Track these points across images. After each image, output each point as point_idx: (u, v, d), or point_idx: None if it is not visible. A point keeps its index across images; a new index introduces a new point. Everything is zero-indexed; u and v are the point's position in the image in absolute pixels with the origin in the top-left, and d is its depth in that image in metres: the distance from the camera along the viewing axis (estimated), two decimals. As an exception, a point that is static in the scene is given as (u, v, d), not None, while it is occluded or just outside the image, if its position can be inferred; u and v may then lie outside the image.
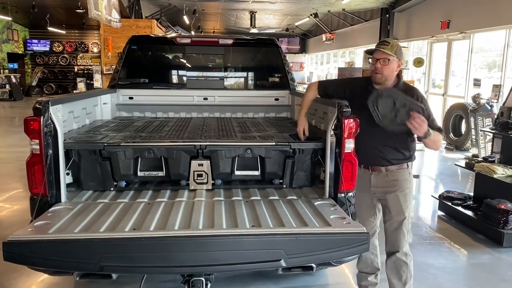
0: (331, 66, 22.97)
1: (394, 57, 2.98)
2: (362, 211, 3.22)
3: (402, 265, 3.12)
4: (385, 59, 2.97)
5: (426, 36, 12.69)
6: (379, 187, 3.15)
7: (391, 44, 2.99)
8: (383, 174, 3.11)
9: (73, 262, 2.33)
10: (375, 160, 3.11)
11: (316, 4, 16.11)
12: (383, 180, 3.12)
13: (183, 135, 3.62)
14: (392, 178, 3.11)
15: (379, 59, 2.99)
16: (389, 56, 2.96)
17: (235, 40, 5.26)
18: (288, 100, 5.18)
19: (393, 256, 3.14)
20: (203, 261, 2.38)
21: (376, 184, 3.14)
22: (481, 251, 4.56)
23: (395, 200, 3.11)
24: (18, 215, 5.27)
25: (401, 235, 3.11)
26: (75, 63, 24.93)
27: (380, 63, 2.99)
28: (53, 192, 2.88)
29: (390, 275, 3.18)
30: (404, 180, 3.11)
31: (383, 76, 3.01)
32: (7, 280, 3.68)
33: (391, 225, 3.15)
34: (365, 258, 3.32)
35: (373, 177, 3.15)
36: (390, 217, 3.16)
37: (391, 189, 3.11)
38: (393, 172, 3.11)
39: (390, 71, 3.01)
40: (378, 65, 3.00)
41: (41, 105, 2.75)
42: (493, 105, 8.99)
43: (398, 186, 3.10)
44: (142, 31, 13.54)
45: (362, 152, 3.09)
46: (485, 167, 5.17)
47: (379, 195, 3.19)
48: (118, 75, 5.03)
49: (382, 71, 3.00)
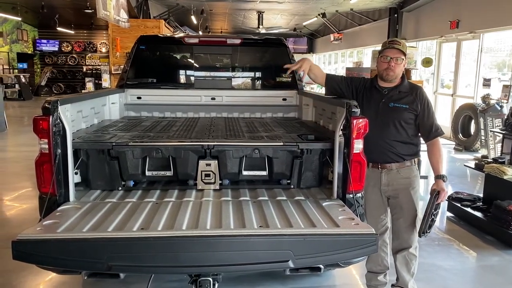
0: (339, 66, 22.89)
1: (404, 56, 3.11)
2: (373, 210, 3.24)
3: (412, 258, 3.21)
4: (398, 58, 3.07)
5: (435, 36, 12.60)
6: (390, 185, 3.19)
7: (402, 43, 3.10)
8: (394, 172, 3.16)
9: (81, 262, 2.34)
10: (386, 157, 3.15)
11: (324, 4, 16.07)
12: (394, 177, 3.17)
13: (191, 135, 3.62)
14: (403, 175, 3.17)
15: (393, 57, 3.08)
16: (402, 55, 3.08)
17: (242, 40, 5.25)
18: (296, 100, 5.16)
19: (405, 251, 3.21)
20: (210, 261, 2.38)
21: (388, 182, 3.19)
22: (490, 253, 4.52)
23: (408, 197, 3.17)
24: (27, 214, 5.30)
25: (414, 231, 3.18)
26: (84, 63, 25.13)
27: (393, 61, 3.08)
28: (62, 191, 2.89)
29: (400, 269, 3.24)
30: (415, 177, 3.20)
31: (394, 74, 3.11)
32: (16, 279, 3.71)
33: (404, 222, 3.20)
34: (375, 256, 3.31)
35: (383, 175, 3.19)
36: (402, 215, 3.20)
37: (403, 186, 3.17)
38: (403, 169, 3.16)
39: (400, 70, 3.12)
40: (392, 63, 3.08)
41: (50, 104, 2.76)
42: (503, 106, 8.90)
43: (409, 183, 3.17)
44: (150, 31, 13.58)
45: (371, 151, 3.09)
46: (494, 168, 5.12)
47: (390, 193, 3.22)
48: (127, 75, 5.05)
49: (394, 69, 3.08)
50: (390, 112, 3.15)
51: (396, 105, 3.14)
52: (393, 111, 3.14)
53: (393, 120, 3.13)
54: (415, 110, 3.13)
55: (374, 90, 3.23)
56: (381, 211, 3.29)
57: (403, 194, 3.18)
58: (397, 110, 3.14)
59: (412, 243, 3.21)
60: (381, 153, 3.17)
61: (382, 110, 3.16)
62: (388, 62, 3.10)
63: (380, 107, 3.16)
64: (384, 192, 3.23)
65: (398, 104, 3.14)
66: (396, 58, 3.07)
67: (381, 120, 3.14)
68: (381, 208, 3.29)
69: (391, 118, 3.14)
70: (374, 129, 3.01)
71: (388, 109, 3.15)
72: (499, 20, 9.74)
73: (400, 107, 3.13)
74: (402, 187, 3.17)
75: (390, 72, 3.11)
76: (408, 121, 3.14)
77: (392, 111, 3.15)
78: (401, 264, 3.24)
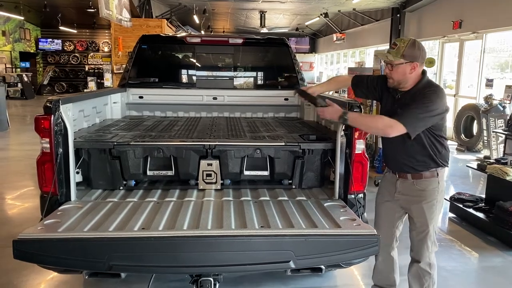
0: (341, 66, 22.86)
1: (401, 61, 2.72)
2: (382, 216, 3.07)
3: (425, 274, 2.95)
4: (393, 64, 2.77)
5: (437, 36, 12.56)
6: (404, 195, 2.93)
7: (398, 46, 2.74)
8: (410, 182, 2.87)
9: (82, 261, 2.34)
10: (400, 167, 2.90)
11: (326, 4, 16.04)
12: (409, 188, 2.88)
13: (193, 134, 3.62)
14: (419, 187, 2.86)
15: (387, 63, 2.82)
16: (392, 62, 2.75)
17: (245, 40, 5.24)
18: (298, 100, 5.15)
19: (416, 264, 2.98)
20: (211, 262, 2.38)
21: (402, 191, 2.93)
22: (492, 254, 4.50)
23: (420, 212, 2.88)
24: (28, 213, 5.31)
25: (424, 246, 2.92)
26: (86, 62, 25.16)
27: (388, 68, 2.82)
28: (63, 190, 2.90)
29: (412, 281, 3.02)
30: (432, 190, 2.85)
31: (394, 81, 2.81)
32: (17, 278, 3.71)
33: (416, 235, 2.96)
34: (380, 270, 3.18)
35: (399, 183, 2.93)
36: (414, 227, 2.96)
37: (416, 199, 2.87)
38: (421, 181, 2.85)
39: (400, 76, 2.76)
40: (387, 71, 2.84)
41: (51, 104, 2.77)
42: (505, 106, 8.87)
43: (424, 196, 2.85)
44: (153, 31, 13.57)
45: (387, 157, 2.99)
46: (497, 169, 5.10)
47: (403, 203, 2.97)
48: (128, 74, 5.05)
49: (391, 75, 2.80)
50: None
51: None
52: None
53: None
54: None
55: (388, 92, 2.94)
56: (389, 220, 3.05)
57: (415, 207, 2.89)
58: None
59: (422, 258, 2.93)
60: (395, 164, 2.94)
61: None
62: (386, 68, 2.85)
63: (392, 113, 2.77)
64: (397, 200, 2.97)
65: None
66: (391, 64, 2.78)
67: None
68: (391, 217, 3.05)
69: None
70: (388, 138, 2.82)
71: None
72: (502, 20, 9.71)
73: None
74: (416, 199, 2.87)
75: (390, 80, 2.83)
76: None
77: None
78: (413, 277, 3.00)
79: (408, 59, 2.72)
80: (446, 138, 2.90)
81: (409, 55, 2.72)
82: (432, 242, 2.93)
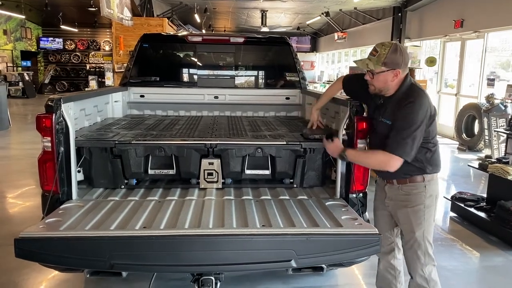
0: (342, 65, 22.83)
1: (383, 69, 2.56)
2: (378, 224, 2.94)
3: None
4: (373, 72, 2.61)
5: (439, 35, 12.54)
6: (392, 200, 2.83)
7: (379, 53, 2.56)
8: (396, 187, 2.76)
9: (84, 260, 2.34)
10: (386, 173, 2.73)
11: (328, 3, 16.02)
12: (395, 193, 2.78)
13: (194, 133, 3.61)
14: (403, 192, 2.74)
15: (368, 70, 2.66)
16: (373, 71, 2.60)
17: (246, 39, 5.24)
18: (299, 99, 5.15)
19: (411, 280, 2.80)
20: (213, 261, 2.38)
21: (390, 197, 2.83)
22: (494, 253, 4.49)
23: (405, 217, 2.75)
24: (30, 212, 5.32)
25: (414, 258, 2.74)
26: (87, 61, 25.19)
27: (369, 75, 2.66)
28: (65, 189, 2.90)
29: None
30: (417, 194, 2.70)
31: (376, 88, 2.67)
32: (19, 276, 3.71)
33: (404, 245, 2.83)
34: (382, 277, 3.06)
35: (387, 188, 2.84)
36: (403, 236, 2.86)
37: (401, 203, 2.76)
38: (405, 185, 2.72)
39: (381, 84, 2.62)
40: (368, 78, 2.68)
41: (53, 102, 2.76)
42: (507, 105, 8.85)
43: (409, 201, 2.72)
44: (154, 30, 13.56)
45: None
46: (498, 168, 5.09)
47: (391, 209, 2.86)
48: (130, 73, 5.05)
49: (372, 83, 2.66)
50: (379, 127, 2.73)
51: (383, 120, 2.68)
52: (381, 127, 2.70)
53: (381, 138, 2.65)
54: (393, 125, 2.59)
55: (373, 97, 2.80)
56: (386, 227, 2.92)
57: (400, 213, 2.77)
58: (383, 126, 2.67)
59: (415, 271, 2.75)
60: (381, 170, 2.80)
61: (375, 123, 2.79)
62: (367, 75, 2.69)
63: (374, 118, 2.78)
64: (387, 206, 2.87)
65: (384, 119, 2.67)
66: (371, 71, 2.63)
67: (374, 135, 2.83)
68: (387, 224, 2.93)
69: (380, 135, 2.69)
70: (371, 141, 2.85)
71: (378, 124, 2.74)
72: (504, 19, 9.68)
73: (385, 123, 2.66)
74: (401, 204, 2.75)
75: (371, 87, 2.69)
76: None
77: (379, 127, 2.73)
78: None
79: (389, 66, 2.56)
80: (434, 143, 2.69)
81: (390, 62, 2.55)
82: (424, 253, 2.72)
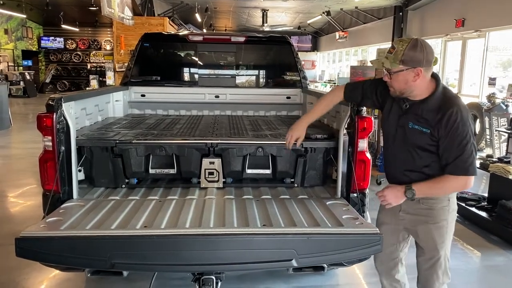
0: (343, 65, 22.82)
1: (401, 67, 2.29)
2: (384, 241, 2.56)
3: None
4: (391, 72, 2.36)
5: (440, 35, 12.53)
6: (409, 214, 2.53)
7: (396, 50, 2.29)
8: (415, 200, 2.43)
9: (84, 259, 2.34)
10: (404, 182, 2.42)
11: (329, 2, 16.02)
12: (415, 207, 2.49)
13: (195, 133, 3.61)
14: (425, 206, 2.46)
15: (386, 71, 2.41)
16: (390, 70, 2.34)
17: (247, 38, 5.23)
18: (300, 99, 5.14)
19: None
20: (213, 260, 2.37)
21: (407, 210, 2.53)
22: (495, 253, 4.49)
23: (427, 234, 2.50)
24: (31, 211, 5.32)
25: (434, 277, 2.55)
26: (88, 60, 25.21)
27: (387, 76, 2.39)
28: (65, 188, 2.90)
29: None
30: (441, 209, 2.45)
31: (395, 91, 2.39)
32: (20, 275, 3.72)
33: (423, 263, 2.58)
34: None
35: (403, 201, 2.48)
36: (422, 253, 2.58)
37: (422, 218, 2.48)
38: (427, 199, 2.44)
39: (401, 84, 2.33)
40: (386, 79, 2.40)
41: (54, 102, 2.76)
42: (508, 105, 8.84)
43: (431, 216, 2.46)
44: (155, 29, 13.56)
45: (389, 170, 2.61)
46: (500, 167, 5.08)
47: (408, 224, 2.57)
48: (130, 73, 5.05)
49: (391, 84, 2.39)
50: (407, 134, 2.40)
51: (415, 127, 2.35)
52: (411, 134, 2.38)
53: (408, 146, 2.40)
54: (435, 136, 2.30)
55: (393, 100, 2.49)
56: (391, 240, 2.65)
57: (422, 229, 2.50)
58: (415, 134, 2.37)
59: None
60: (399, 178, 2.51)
61: (400, 130, 2.45)
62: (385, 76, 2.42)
63: (399, 124, 2.45)
64: (401, 219, 2.57)
65: (418, 126, 2.34)
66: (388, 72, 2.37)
67: (398, 142, 2.47)
68: (393, 237, 2.65)
69: (407, 143, 2.41)
70: (390, 148, 2.55)
71: (406, 131, 2.41)
72: (505, 18, 9.67)
73: (419, 130, 2.35)
74: (422, 219, 2.48)
75: (390, 88, 2.41)
76: (429, 148, 2.34)
77: (410, 134, 2.39)
78: None
79: (408, 64, 2.26)
80: None
81: (409, 60, 2.26)
82: (443, 272, 2.56)
